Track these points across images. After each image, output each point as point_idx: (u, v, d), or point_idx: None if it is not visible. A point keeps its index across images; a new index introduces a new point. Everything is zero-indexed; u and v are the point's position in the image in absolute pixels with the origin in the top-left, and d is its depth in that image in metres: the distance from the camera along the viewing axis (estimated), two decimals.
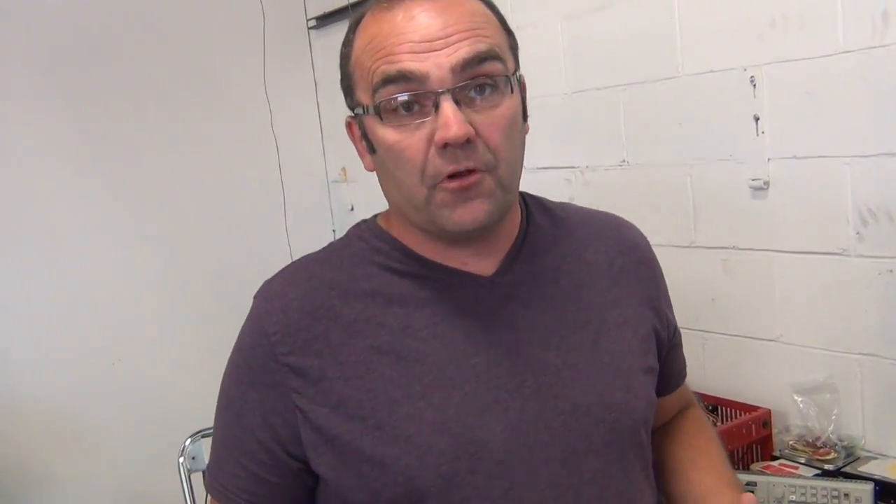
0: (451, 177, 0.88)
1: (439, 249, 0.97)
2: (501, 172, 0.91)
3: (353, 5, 3.14)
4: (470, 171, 0.88)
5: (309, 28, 3.39)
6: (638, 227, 1.17)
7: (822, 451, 1.78)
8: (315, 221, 3.42)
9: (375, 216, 1.06)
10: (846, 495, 1.44)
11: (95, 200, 2.94)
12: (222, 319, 3.06)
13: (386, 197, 1.00)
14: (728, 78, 1.92)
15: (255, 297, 1.01)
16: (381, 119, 0.90)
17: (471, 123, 0.88)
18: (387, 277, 0.97)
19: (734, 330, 2.01)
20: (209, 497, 1.05)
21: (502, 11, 1.00)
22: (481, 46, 0.89)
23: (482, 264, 0.98)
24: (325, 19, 3.30)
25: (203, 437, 2.13)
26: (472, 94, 0.89)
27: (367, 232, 1.02)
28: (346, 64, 0.96)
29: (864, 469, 1.69)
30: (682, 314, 1.23)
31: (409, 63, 0.87)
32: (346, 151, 3.38)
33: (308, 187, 3.42)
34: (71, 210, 2.89)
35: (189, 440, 1.95)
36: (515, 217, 1.03)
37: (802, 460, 1.76)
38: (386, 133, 0.90)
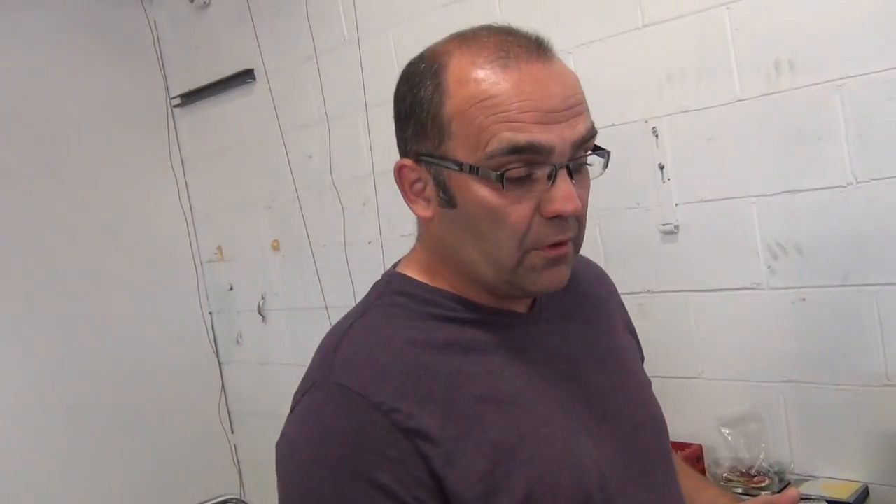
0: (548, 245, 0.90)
1: (485, 295, 0.96)
2: (579, 240, 0.95)
3: (214, 84, 3.10)
4: (564, 241, 0.91)
5: (172, 106, 3.29)
6: None
7: (756, 479, 1.85)
8: (186, 305, 3.26)
9: (394, 268, 1.02)
10: None
11: None
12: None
13: (446, 249, 0.95)
14: (630, 130, 2.02)
15: (322, 382, 0.90)
16: (492, 184, 0.87)
17: None
18: (451, 327, 0.94)
19: (657, 371, 2.04)
20: None
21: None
22: (590, 123, 0.89)
23: (517, 305, 1.00)
24: (189, 97, 3.21)
25: None
26: (578, 169, 0.90)
27: (404, 287, 0.98)
28: (435, 108, 0.89)
29: (801, 491, 1.77)
30: None
31: (539, 135, 0.84)
32: (222, 230, 3.27)
33: (173, 270, 3.26)
34: None
35: None
36: None
37: (740, 490, 1.82)
38: (490, 195, 0.87)
